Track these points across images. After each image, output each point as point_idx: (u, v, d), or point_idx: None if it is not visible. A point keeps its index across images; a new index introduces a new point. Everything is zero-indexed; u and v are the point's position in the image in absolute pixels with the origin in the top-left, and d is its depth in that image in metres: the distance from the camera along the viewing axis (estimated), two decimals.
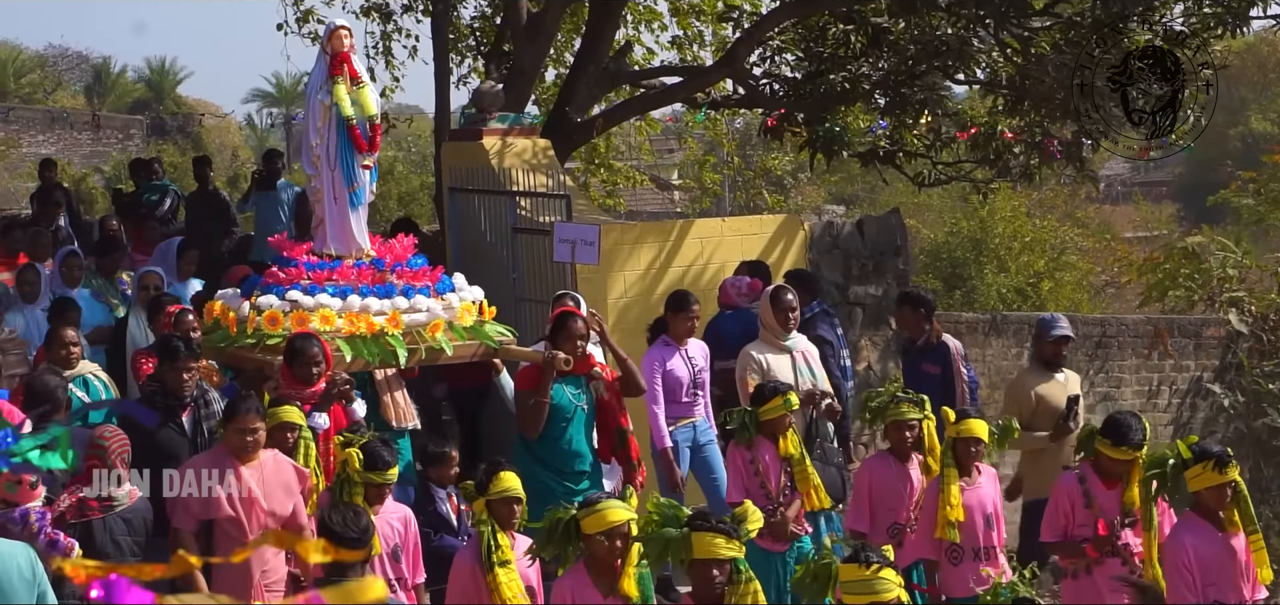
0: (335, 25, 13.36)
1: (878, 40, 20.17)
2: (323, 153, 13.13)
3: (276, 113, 79.72)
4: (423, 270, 13.56)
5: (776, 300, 13.94)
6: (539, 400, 12.41)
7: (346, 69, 13.18)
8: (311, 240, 13.52)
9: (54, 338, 13.16)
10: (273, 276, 13.12)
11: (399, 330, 12.95)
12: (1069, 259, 37.45)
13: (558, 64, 25.55)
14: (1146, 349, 22.64)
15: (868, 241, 20.14)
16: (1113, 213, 56.87)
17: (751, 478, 12.23)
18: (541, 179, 18.70)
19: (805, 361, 13.84)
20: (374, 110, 13.29)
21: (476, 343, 13.43)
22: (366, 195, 13.38)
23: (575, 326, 12.59)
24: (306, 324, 12.56)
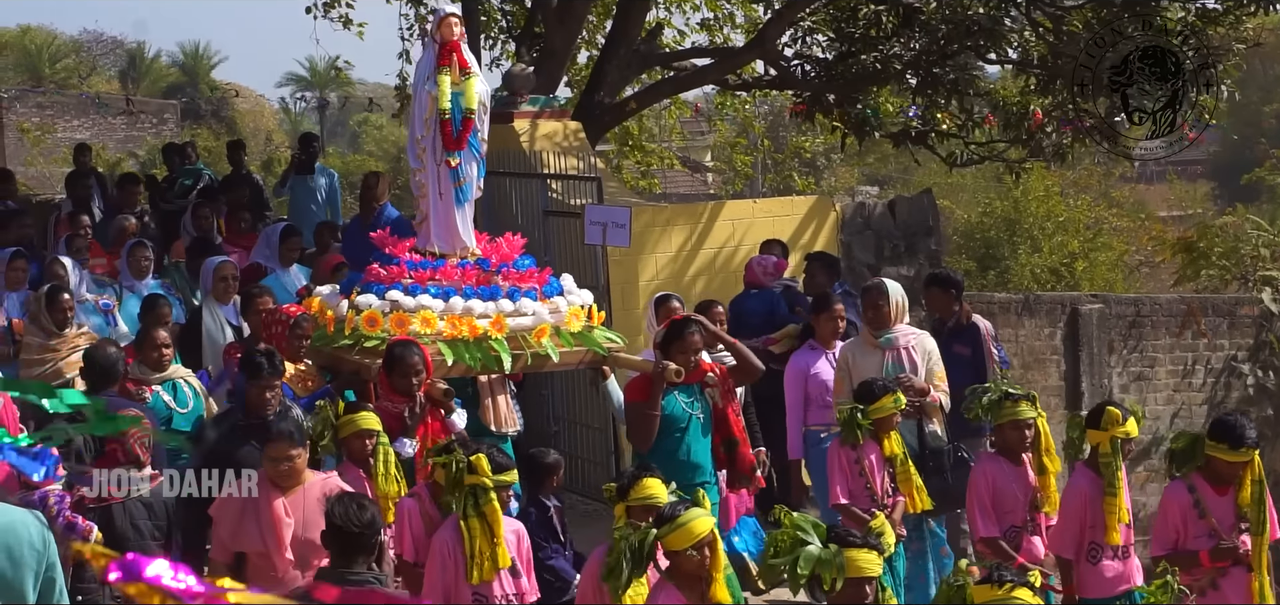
0: (444, 12, 12.59)
1: (909, 20, 20.15)
2: (428, 145, 12.43)
3: (310, 96, 79.83)
4: (530, 271, 12.75)
5: (867, 294, 13.42)
6: (650, 412, 11.72)
7: (455, 58, 12.46)
8: (413, 236, 12.75)
9: (145, 338, 12.61)
10: (374, 274, 12.46)
11: (503, 334, 12.20)
12: (1103, 239, 37.37)
13: (589, 46, 25.54)
14: (1180, 328, 22.58)
15: (900, 222, 20.10)
16: (1147, 192, 56.74)
17: (856, 478, 11.82)
18: (572, 161, 18.70)
19: (897, 358, 13.06)
20: (474, 104, 12.47)
21: (584, 349, 12.59)
22: (473, 191, 12.65)
23: (691, 338, 11.79)
24: (407, 326, 11.95)
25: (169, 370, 12.43)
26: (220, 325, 14.45)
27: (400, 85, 25.84)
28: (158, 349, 12.39)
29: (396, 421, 11.16)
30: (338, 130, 79.81)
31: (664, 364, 11.64)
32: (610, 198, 17.65)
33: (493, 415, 12.66)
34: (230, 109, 64.01)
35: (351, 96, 68.12)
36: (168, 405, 12.19)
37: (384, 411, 11.03)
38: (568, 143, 19.14)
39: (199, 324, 14.60)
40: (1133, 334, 22.40)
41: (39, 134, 48.78)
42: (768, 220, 18.35)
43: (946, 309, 14.65)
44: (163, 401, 12.19)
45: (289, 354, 12.33)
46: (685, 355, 11.70)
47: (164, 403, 12.19)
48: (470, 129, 12.49)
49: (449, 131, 12.36)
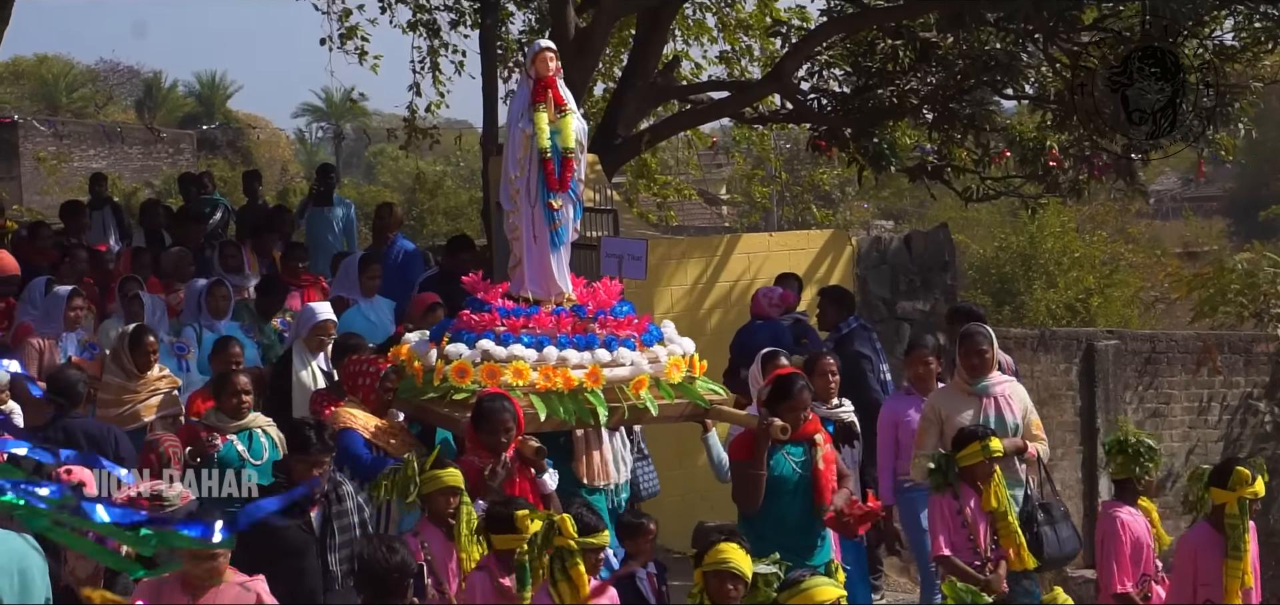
0: (539, 47, 12.07)
1: (926, 55, 20.16)
2: (522, 186, 11.78)
3: (326, 127, 80.00)
4: (628, 319, 12.01)
5: (964, 340, 12.58)
6: (755, 472, 11.02)
7: (551, 94, 11.87)
8: (492, 275, 12.37)
9: (225, 384, 11.94)
10: (465, 321, 11.77)
11: (599, 386, 11.46)
12: (1119, 275, 37.34)
13: (606, 79, 25.55)
14: (1196, 365, 22.55)
15: (915, 257, 20.10)
16: (1163, 228, 56.69)
17: (958, 530, 11.30)
18: (589, 194, 18.64)
19: (996, 408, 12.33)
20: (572, 142, 11.84)
21: (684, 402, 11.83)
22: (569, 233, 12.02)
23: (800, 395, 11.16)
24: (498, 378, 11.27)
25: (247, 418, 11.85)
26: (313, 374, 13.78)
27: (409, 117, 25.86)
28: (237, 395, 11.79)
29: (480, 478, 10.47)
30: (353, 161, 79.97)
31: (769, 420, 10.97)
32: (626, 230, 17.68)
33: (587, 468, 12.03)
34: (246, 140, 64.14)
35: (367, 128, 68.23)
36: (240, 454, 11.58)
37: (468, 467, 10.44)
38: (584, 175, 19.11)
39: (288, 371, 13.87)
40: (1148, 370, 22.38)
41: (55, 163, 48.85)
42: (783, 254, 18.37)
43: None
44: (235, 451, 11.58)
45: (375, 407, 11.83)
46: (794, 413, 11.08)
47: (236, 453, 11.58)
48: (571, 169, 11.89)
49: (551, 172, 11.75)
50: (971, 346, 12.40)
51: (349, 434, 11.41)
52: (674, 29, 23.91)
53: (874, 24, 20.73)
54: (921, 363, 13.40)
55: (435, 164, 54.41)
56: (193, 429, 11.67)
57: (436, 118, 27.15)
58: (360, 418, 11.65)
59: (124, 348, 13.34)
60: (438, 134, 27.16)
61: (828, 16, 21.43)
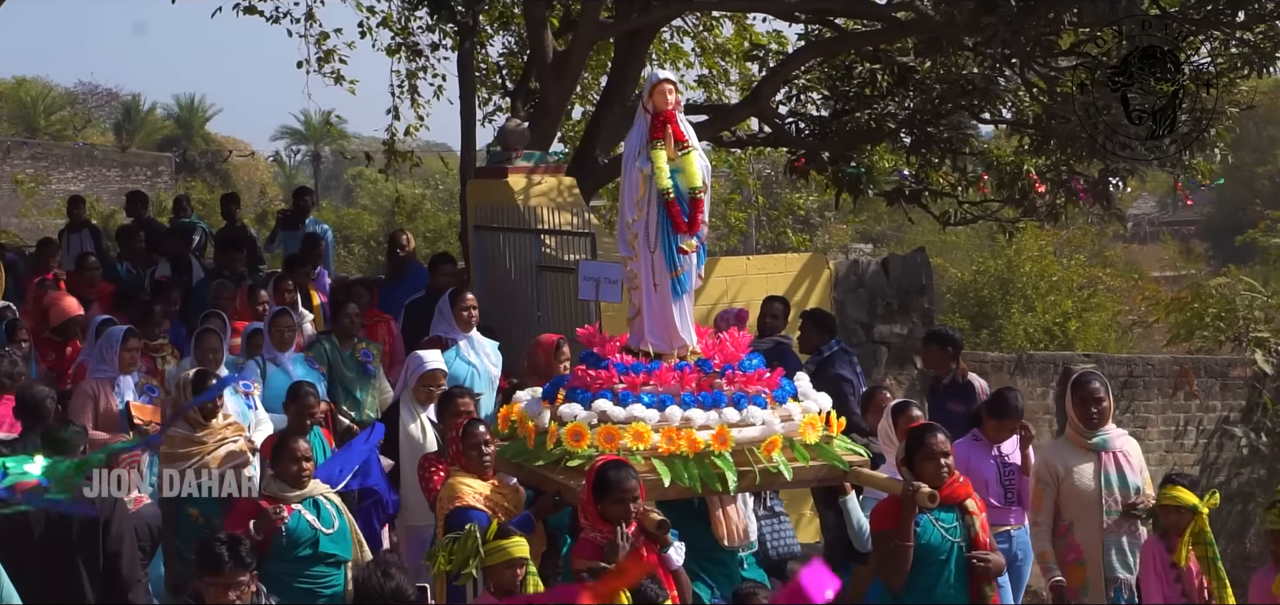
0: (657, 79, 11.01)
1: (904, 79, 20.22)
2: (641, 230, 10.74)
3: (304, 150, 79.90)
4: (758, 373, 10.90)
5: (1079, 387, 11.51)
6: (901, 543, 9.78)
7: (670, 130, 10.81)
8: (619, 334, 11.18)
9: (283, 449, 10.82)
10: (580, 378, 10.77)
11: (727, 449, 10.34)
12: (1097, 299, 37.41)
13: (584, 102, 25.58)
14: (1172, 389, 22.58)
15: (893, 280, 20.13)
16: (1140, 252, 56.82)
17: (1171, 585, 10.63)
18: (567, 217, 18.71)
19: (1116, 466, 11.36)
20: (698, 181, 10.76)
21: (821, 464, 10.73)
22: (692, 280, 10.90)
23: (936, 443, 9.92)
24: (616, 442, 10.25)
25: (308, 487, 10.75)
26: (422, 428, 12.79)
27: (388, 140, 25.87)
28: (298, 463, 10.68)
29: (600, 555, 9.43)
30: (332, 184, 79.88)
31: (916, 487, 9.75)
32: (604, 253, 17.66)
33: (726, 529, 10.95)
34: (225, 162, 64.07)
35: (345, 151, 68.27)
36: (312, 525, 10.59)
37: (589, 545, 9.52)
38: (562, 198, 19.16)
39: (394, 425, 12.87)
40: (1125, 394, 22.40)
41: (33, 185, 48.80)
42: (761, 277, 18.37)
43: (944, 367, 14.65)
44: (305, 522, 10.57)
45: (470, 467, 10.87)
46: (934, 464, 9.83)
47: (307, 523, 10.57)
48: (700, 210, 10.82)
49: (678, 214, 10.68)
50: (1088, 394, 11.38)
51: (466, 514, 10.29)
52: (651, 53, 23.93)
53: (852, 48, 20.80)
54: (1009, 428, 12.20)
55: (414, 187, 54.39)
56: (252, 504, 10.60)
57: (415, 141, 27.16)
58: (472, 486, 10.76)
59: (186, 394, 12.35)
60: (418, 157, 27.18)
61: (805, 41, 21.52)
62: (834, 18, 21.04)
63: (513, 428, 11.09)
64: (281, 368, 14.36)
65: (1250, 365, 23.03)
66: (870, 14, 20.51)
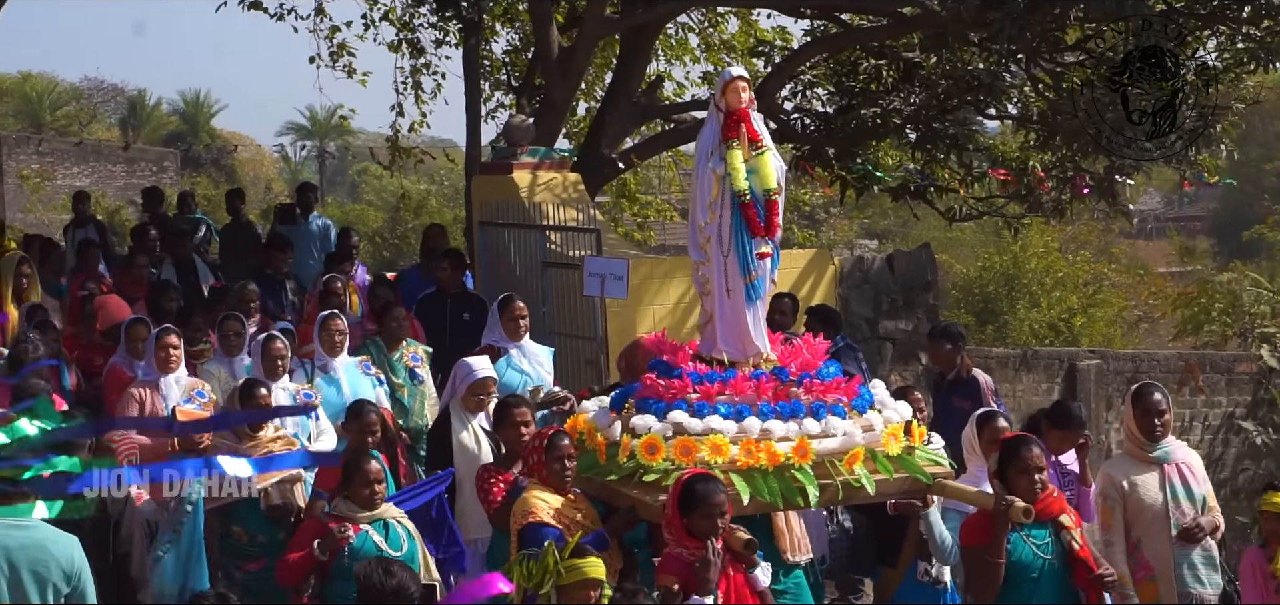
0: (730, 76, 10.56)
1: (909, 75, 20.20)
2: (713, 233, 10.28)
3: (310, 145, 79.94)
4: (836, 382, 10.39)
5: (1140, 399, 10.99)
6: (993, 560, 9.35)
7: (744, 129, 10.36)
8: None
9: (356, 471, 10.34)
10: (651, 389, 10.22)
11: (808, 462, 9.87)
12: (1102, 294, 37.39)
13: (589, 98, 25.56)
14: (1178, 385, 22.56)
15: (898, 276, 20.11)
16: (1146, 248, 56.79)
17: (1271, 595, 10.32)
18: (572, 213, 18.70)
19: (1181, 478, 10.87)
20: (773, 182, 10.32)
21: (904, 476, 10.21)
22: (766, 286, 10.42)
23: (1031, 456, 9.47)
24: (693, 454, 9.72)
25: (380, 508, 10.36)
26: (474, 437, 12.24)
27: (392, 137, 25.87)
28: (370, 486, 10.29)
29: (690, 574, 8.93)
30: (337, 179, 79.90)
31: (1009, 501, 9.32)
32: (609, 249, 17.67)
33: (788, 540, 10.66)
34: (230, 158, 64.09)
35: (351, 146, 68.22)
36: (378, 546, 10.11)
37: (675, 561, 9.00)
38: (567, 194, 19.15)
39: (447, 435, 12.38)
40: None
41: (38, 180, 48.82)
42: None
43: (948, 362, 14.60)
44: (371, 542, 10.12)
45: (551, 483, 10.11)
46: (1027, 478, 9.38)
47: (373, 545, 10.10)
48: (776, 212, 10.41)
49: (754, 216, 10.24)
50: (1150, 406, 10.91)
51: (541, 531, 9.72)
52: (657, 49, 23.92)
53: (857, 44, 20.77)
54: (1075, 438, 11.49)
55: (419, 183, 54.37)
56: (319, 523, 10.25)
57: (419, 137, 27.14)
58: (546, 501, 10.01)
59: (235, 405, 12.03)
60: (423, 153, 27.18)
61: (811, 37, 21.47)
62: (839, 13, 21.03)
63: (581, 440, 10.53)
64: (330, 376, 13.69)
65: (1256, 360, 23.01)
66: (876, 9, 20.48)
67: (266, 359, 12.99)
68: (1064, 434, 11.50)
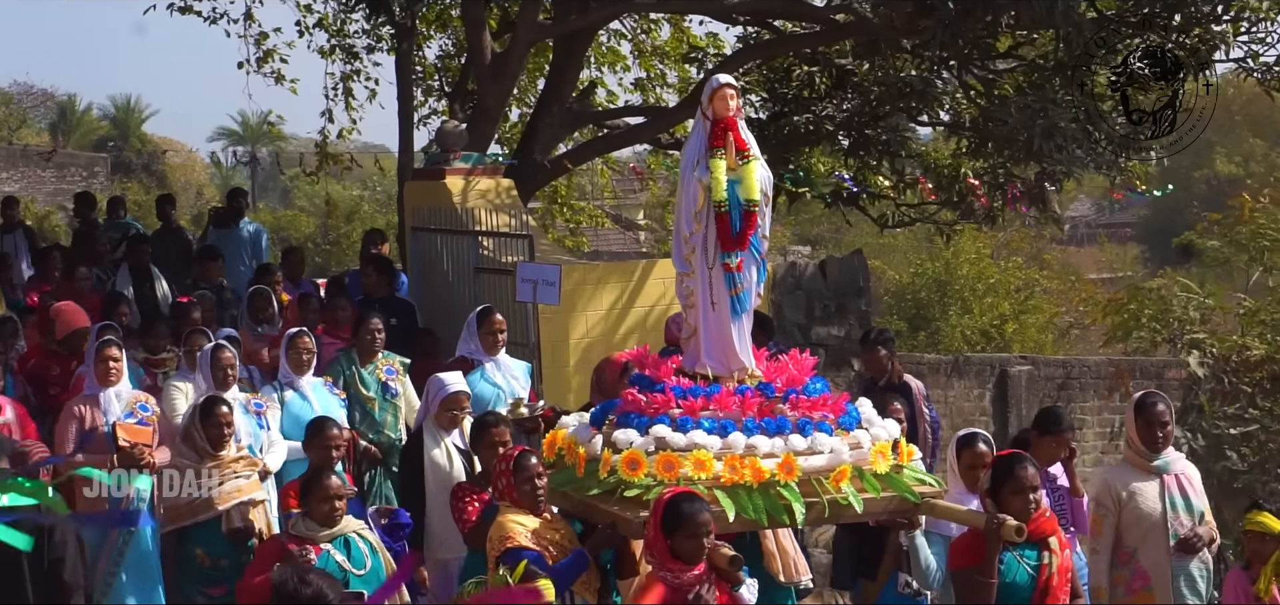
0: (717, 83, 10.31)
1: (842, 82, 20.24)
2: (698, 244, 10.01)
3: (242, 151, 79.60)
4: (822, 398, 10.11)
5: (1142, 409, 10.91)
6: (984, 580, 9.25)
7: (732, 138, 10.11)
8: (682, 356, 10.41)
9: (315, 487, 10.22)
10: (632, 403, 9.94)
11: (794, 479, 9.56)
12: (1034, 301, 37.57)
13: (521, 104, 25.54)
14: (1108, 391, 22.67)
15: (830, 283, 20.13)
16: (1078, 254, 57.12)
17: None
18: (504, 218, 18.67)
19: (1180, 489, 10.84)
20: (757, 193, 10.03)
21: (891, 495, 9.88)
22: (752, 299, 10.18)
23: (1025, 475, 9.35)
24: (676, 470, 9.41)
25: (340, 525, 10.16)
26: (447, 454, 12.08)
27: (321, 143, 25.78)
28: (330, 501, 10.10)
29: (679, 596, 8.79)
30: (269, 185, 79.60)
31: (1001, 520, 9.19)
32: (542, 255, 17.63)
33: (781, 564, 10.56)
34: (161, 163, 63.75)
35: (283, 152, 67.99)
36: (341, 566, 9.98)
37: (658, 585, 8.82)
38: (500, 200, 19.11)
39: (419, 453, 12.21)
40: (1061, 396, 22.50)
41: None
42: None
43: (880, 368, 14.63)
44: (334, 562, 9.96)
45: (522, 502, 9.85)
46: (1022, 498, 9.27)
47: (336, 564, 9.95)
48: (753, 225, 10.08)
49: (727, 228, 9.96)
50: (1153, 416, 10.82)
51: (519, 554, 9.52)
52: (589, 55, 23.91)
53: (790, 50, 20.81)
54: (1061, 444, 11.30)
55: (351, 189, 54.23)
56: (279, 545, 10.10)
57: (350, 143, 27.06)
58: (522, 523, 9.73)
59: (195, 421, 11.71)
60: (352, 160, 27.08)
61: (744, 43, 21.49)
62: (772, 20, 21.06)
63: (559, 455, 10.26)
64: (300, 393, 13.43)
65: (1185, 367, 23.11)
66: (808, 16, 20.53)
67: (215, 368, 12.70)
68: (1053, 439, 11.33)
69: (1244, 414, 22.30)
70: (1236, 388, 22.85)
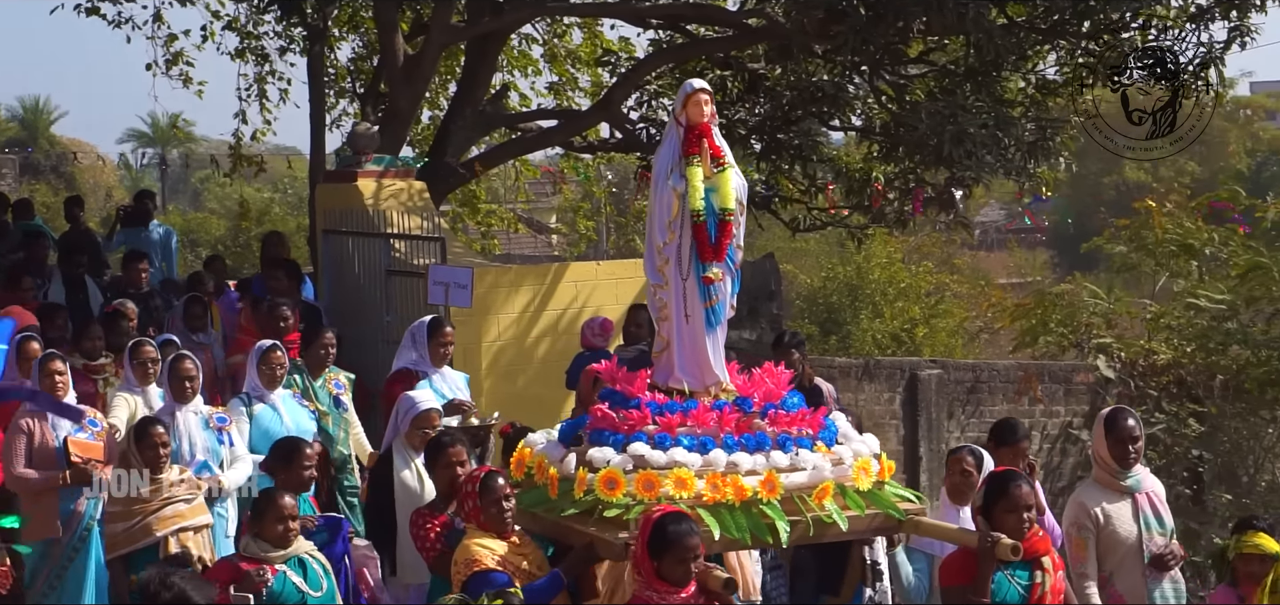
0: (691, 88, 9.93)
1: (754, 86, 20.28)
2: (672, 255, 9.68)
3: (151, 153, 79.02)
4: (800, 413, 9.83)
5: (1112, 425, 10.52)
6: (976, 600, 9.00)
7: (707, 145, 9.82)
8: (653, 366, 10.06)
9: (268, 506, 9.70)
10: (605, 420, 9.62)
11: (776, 497, 9.25)
12: (944, 305, 37.76)
13: (433, 106, 25.48)
14: (1017, 394, 22.82)
15: (742, 286, 20.16)
16: (988, 259, 57.41)
17: None
18: (416, 221, 18.64)
19: (1151, 508, 10.50)
20: (732, 202, 9.74)
21: (876, 512, 9.60)
22: (726, 311, 9.87)
23: (1020, 493, 9.13)
24: (657, 489, 9.09)
25: (293, 546, 9.70)
26: (417, 476, 11.54)
27: (234, 144, 25.62)
28: (284, 522, 9.62)
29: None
30: (179, 187, 79.07)
31: (995, 537, 8.97)
32: (455, 258, 17.62)
33: (740, 581, 10.01)
34: (70, 165, 63.20)
35: (193, 154, 67.53)
36: (299, 589, 9.57)
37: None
38: (412, 203, 19.07)
39: (388, 474, 11.71)
40: (971, 399, 22.63)
41: None
42: (611, 282, 18.37)
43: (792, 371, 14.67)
44: (292, 585, 9.54)
45: (489, 525, 9.55)
46: (1016, 516, 9.05)
47: (293, 587, 9.53)
48: (729, 235, 9.77)
49: (704, 237, 9.64)
50: (1124, 432, 10.43)
51: (487, 579, 9.25)
52: (502, 58, 23.89)
53: (702, 54, 20.83)
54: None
55: (262, 191, 53.95)
56: (232, 567, 9.59)
57: (262, 145, 26.93)
58: (489, 547, 9.44)
59: (130, 444, 11.24)
60: (264, 161, 26.92)
61: (656, 47, 21.51)
62: (685, 24, 21.09)
63: (528, 474, 9.92)
64: (271, 406, 13.03)
65: (1093, 371, 23.31)
66: (721, 20, 20.58)
67: (174, 380, 12.36)
68: (1011, 449, 11.14)
69: (1150, 418, 22.52)
70: (1143, 391, 23.09)
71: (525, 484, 9.86)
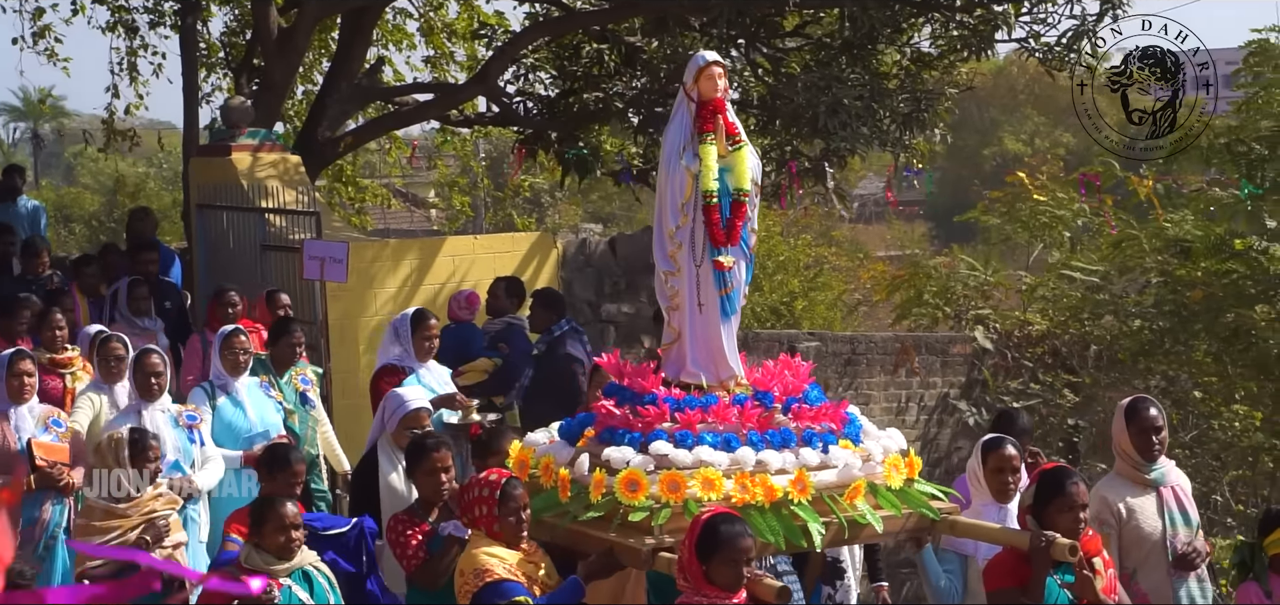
0: (704, 61, 9.25)
1: (631, 59, 20.28)
2: (685, 240, 9.06)
3: (23, 127, 78.13)
4: (823, 407, 9.16)
5: (1134, 415, 9.88)
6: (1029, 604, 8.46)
7: (721, 121, 9.18)
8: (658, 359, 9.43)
9: (269, 514, 8.95)
10: (619, 418, 8.97)
11: (807, 497, 8.61)
12: (823, 278, 37.89)
13: (308, 80, 25.32)
14: (894, 366, 22.95)
15: (620, 259, 20.20)
16: (867, 232, 57.70)
17: None
18: (291, 195, 18.52)
19: (1177, 503, 9.86)
20: (747, 182, 9.12)
21: (910, 512, 9.01)
22: (740, 299, 9.26)
23: (1077, 491, 8.60)
24: (683, 490, 8.45)
25: (297, 557, 8.95)
26: (404, 479, 10.67)
27: (107, 119, 25.35)
28: (286, 531, 8.88)
29: None
30: (52, 162, 78.25)
31: (1050, 537, 8.43)
32: (331, 233, 17.52)
33: None
34: None
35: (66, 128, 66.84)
36: (304, 604, 8.88)
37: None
38: (287, 177, 18.95)
39: (373, 475, 10.93)
40: (848, 372, 22.71)
41: None
42: (489, 256, 18.32)
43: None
44: (298, 599, 8.84)
45: (504, 534, 8.68)
46: (1071, 516, 8.52)
47: (300, 601, 8.84)
48: (743, 217, 9.13)
49: (716, 220, 9.02)
50: (1146, 423, 9.82)
51: (499, 589, 8.49)
52: (377, 32, 23.76)
53: (579, 28, 20.81)
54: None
55: (137, 165, 53.46)
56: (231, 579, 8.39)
57: (136, 119, 26.65)
58: (500, 556, 8.62)
59: (119, 454, 10.17)
60: (138, 136, 26.62)
61: (532, 20, 21.47)
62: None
63: (533, 477, 9.18)
64: (233, 397, 12.37)
65: (970, 342, 23.49)
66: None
67: (140, 376, 11.76)
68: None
69: (1026, 388, 22.74)
70: (1019, 362, 23.30)
71: (530, 488, 9.04)
